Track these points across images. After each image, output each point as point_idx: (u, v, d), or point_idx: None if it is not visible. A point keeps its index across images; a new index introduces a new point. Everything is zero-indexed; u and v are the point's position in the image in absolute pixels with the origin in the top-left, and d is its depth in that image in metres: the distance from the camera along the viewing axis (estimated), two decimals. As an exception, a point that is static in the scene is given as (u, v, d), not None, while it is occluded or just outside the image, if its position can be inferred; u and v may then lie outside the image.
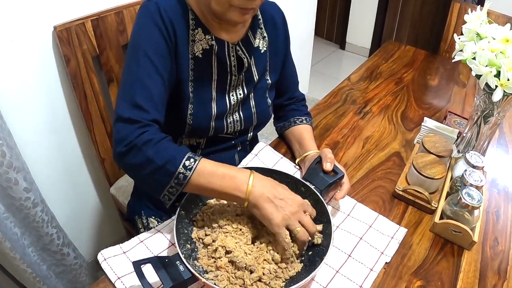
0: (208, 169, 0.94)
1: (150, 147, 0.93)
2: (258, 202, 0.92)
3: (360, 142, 1.48)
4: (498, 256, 1.09)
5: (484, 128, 1.27)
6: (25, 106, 1.43)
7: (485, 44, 1.12)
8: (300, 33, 2.78)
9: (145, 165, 0.93)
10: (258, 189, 0.93)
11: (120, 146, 0.95)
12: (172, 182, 0.93)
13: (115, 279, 0.92)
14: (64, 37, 1.37)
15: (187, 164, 0.93)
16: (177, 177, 0.92)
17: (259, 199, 0.92)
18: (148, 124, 0.97)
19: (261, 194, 0.92)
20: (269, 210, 0.91)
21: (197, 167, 0.93)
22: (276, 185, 0.97)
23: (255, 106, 1.28)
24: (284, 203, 0.93)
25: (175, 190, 0.95)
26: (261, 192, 0.92)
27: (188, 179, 0.93)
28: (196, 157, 0.95)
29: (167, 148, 0.95)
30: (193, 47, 1.10)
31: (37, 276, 1.55)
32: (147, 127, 0.96)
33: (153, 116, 0.99)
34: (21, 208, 1.42)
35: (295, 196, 0.97)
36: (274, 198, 0.92)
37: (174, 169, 0.92)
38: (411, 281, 1.00)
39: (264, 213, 0.92)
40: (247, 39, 1.18)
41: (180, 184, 0.93)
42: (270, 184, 0.96)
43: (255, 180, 0.94)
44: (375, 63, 2.04)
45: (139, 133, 0.95)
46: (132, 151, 0.94)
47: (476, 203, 1.03)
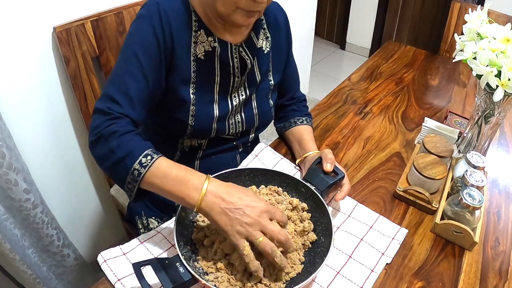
0: (162, 169, 0.91)
1: (115, 138, 0.94)
2: (211, 214, 0.87)
3: (361, 142, 1.48)
4: (499, 256, 1.09)
5: (485, 128, 1.27)
6: (25, 107, 1.42)
7: (486, 44, 1.12)
8: (300, 33, 2.78)
9: (108, 156, 0.94)
10: (210, 198, 0.87)
11: (91, 135, 0.97)
12: (128, 177, 0.92)
13: (115, 280, 0.92)
14: (64, 38, 1.37)
15: (143, 161, 0.91)
16: (132, 173, 0.91)
17: (211, 211, 0.87)
18: (118, 116, 0.97)
19: (213, 205, 0.87)
20: (222, 223, 0.86)
21: (151, 165, 0.91)
22: (233, 192, 0.89)
23: (257, 107, 1.27)
24: (241, 213, 0.85)
25: (132, 186, 0.94)
26: (213, 201, 0.87)
27: (142, 177, 0.91)
28: (155, 155, 0.93)
29: (130, 141, 0.94)
30: (195, 49, 1.09)
31: (37, 277, 1.54)
32: (117, 119, 0.97)
33: (125, 111, 0.99)
34: (21, 209, 1.42)
35: (256, 202, 0.88)
36: (228, 208, 0.86)
37: (130, 165, 0.91)
38: (412, 282, 1.00)
39: (218, 225, 0.87)
40: (250, 39, 1.18)
41: (135, 181, 0.92)
42: (226, 191, 0.89)
43: (209, 187, 0.88)
44: (375, 63, 2.04)
45: (108, 124, 0.95)
46: (100, 141, 0.95)
47: (477, 204, 1.03)
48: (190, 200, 0.88)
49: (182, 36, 1.06)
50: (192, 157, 1.28)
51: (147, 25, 1.01)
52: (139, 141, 0.96)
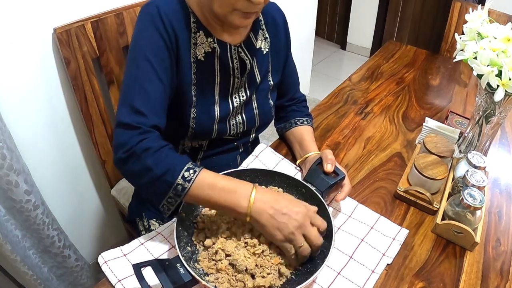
0: (207, 181, 0.92)
1: (150, 156, 0.92)
2: (260, 220, 0.89)
3: (361, 142, 1.48)
4: (500, 256, 1.09)
5: (486, 128, 1.26)
6: (25, 108, 1.42)
7: (486, 44, 1.11)
8: (300, 33, 2.78)
9: (144, 173, 0.92)
10: (259, 205, 0.89)
11: (119, 152, 0.94)
12: (170, 193, 0.92)
13: (116, 281, 0.92)
14: (64, 39, 1.37)
15: (186, 176, 0.91)
16: (175, 188, 0.91)
17: (260, 217, 0.89)
18: (148, 130, 0.96)
19: (262, 211, 0.89)
20: (271, 228, 0.89)
21: (196, 178, 0.91)
22: (279, 198, 0.93)
23: (258, 107, 1.27)
24: (287, 218, 0.89)
25: (174, 200, 0.93)
26: (262, 208, 0.89)
27: (186, 191, 0.91)
28: (196, 168, 0.93)
29: (167, 157, 0.94)
30: (195, 51, 1.09)
31: (38, 278, 1.54)
32: (147, 133, 0.95)
33: (153, 122, 0.98)
34: (22, 211, 1.42)
35: (300, 207, 0.92)
36: (276, 214, 0.89)
37: (173, 180, 0.91)
38: (413, 283, 0.99)
39: (267, 231, 0.90)
40: (249, 40, 1.18)
41: (178, 195, 0.92)
42: (273, 198, 0.92)
43: (257, 195, 0.90)
44: (376, 63, 2.04)
45: (138, 140, 0.93)
46: (132, 159, 0.93)
47: (478, 204, 1.03)
48: (240, 208, 0.90)
49: (183, 37, 1.06)
50: (193, 158, 1.28)
51: (152, 28, 1.01)
52: (175, 156, 0.96)
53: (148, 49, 1.00)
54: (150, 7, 1.02)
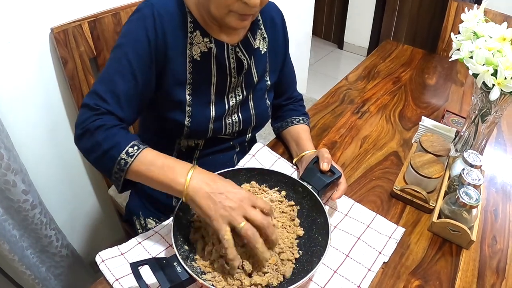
0: (148, 158, 0.94)
1: (101, 132, 0.96)
2: (196, 197, 0.88)
3: (358, 141, 1.48)
4: (496, 254, 1.09)
5: (482, 127, 1.27)
6: (22, 108, 1.43)
7: (482, 43, 1.12)
8: (298, 33, 2.78)
9: (95, 148, 0.96)
10: (195, 182, 0.89)
11: (77, 129, 1.00)
12: (115, 167, 0.95)
13: (113, 280, 0.92)
14: (61, 38, 1.37)
15: (130, 151, 0.94)
16: (119, 162, 0.94)
17: (196, 194, 0.88)
18: (105, 112, 0.99)
19: (199, 188, 0.88)
20: (206, 206, 0.87)
21: (138, 154, 0.94)
22: (217, 179, 0.91)
23: (254, 107, 1.27)
24: (224, 197, 0.87)
25: (119, 176, 0.96)
26: (199, 186, 0.88)
27: (128, 166, 0.94)
28: (141, 146, 0.96)
29: (116, 134, 0.97)
30: (191, 50, 1.09)
31: (36, 278, 1.55)
32: (103, 115, 0.99)
33: (112, 109, 1.00)
34: (20, 210, 1.42)
35: (239, 189, 0.90)
36: (213, 193, 0.87)
37: (117, 155, 0.94)
38: (409, 281, 1.00)
39: (202, 210, 0.87)
40: (247, 40, 1.18)
41: (121, 170, 0.95)
42: (210, 178, 0.91)
43: (194, 173, 0.90)
44: (372, 63, 2.04)
45: (94, 119, 0.98)
46: (86, 135, 0.97)
47: (474, 202, 1.03)
48: (176, 185, 0.90)
49: (177, 37, 1.06)
50: (189, 157, 1.28)
51: (140, 26, 1.02)
52: (125, 134, 0.98)
53: (130, 45, 1.02)
54: (146, 4, 1.04)
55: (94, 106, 0.99)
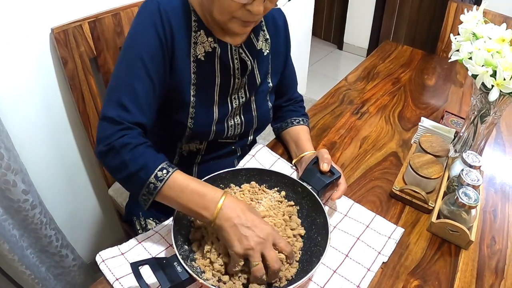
0: (178, 183, 0.92)
1: (127, 151, 0.93)
2: (224, 226, 0.87)
3: (357, 142, 1.48)
4: (495, 255, 1.09)
5: (481, 127, 1.27)
6: (22, 108, 1.42)
7: (481, 44, 1.12)
8: (297, 33, 2.78)
9: (121, 169, 0.94)
10: (226, 212, 0.88)
11: (101, 145, 0.96)
12: (144, 190, 0.93)
13: (113, 280, 0.92)
14: (62, 39, 1.37)
15: (159, 175, 0.92)
16: (148, 186, 0.92)
17: (224, 223, 0.87)
18: (130, 127, 0.97)
19: (228, 218, 0.87)
20: (232, 237, 0.87)
21: (168, 179, 0.92)
22: (247, 210, 0.90)
23: (256, 109, 1.27)
24: (250, 232, 0.87)
25: (147, 198, 0.94)
26: (228, 215, 0.88)
27: (158, 191, 0.92)
28: (170, 168, 0.94)
29: (143, 154, 0.94)
30: (195, 50, 1.08)
31: (36, 278, 1.55)
32: (128, 130, 0.96)
33: (137, 119, 0.98)
34: (20, 210, 1.42)
35: (265, 225, 0.90)
36: (240, 225, 0.87)
37: (146, 178, 0.92)
38: (408, 281, 1.00)
39: (227, 238, 0.87)
40: (250, 41, 1.17)
41: (150, 194, 0.93)
42: (241, 208, 0.90)
43: (226, 202, 0.89)
44: (372, 63, 2.04)
45: (119, 135, 0.95)
46: (111, 153, 0.95)
47: (473, 203, 1.03)
48: (206, 212, 0.89)
49: (182, 36, 1.05)
50: (191, 162, 1.28)
51: (149, 24, 1.00)
52: (153, 154, 0.96)
53: (141, 46, 1.00)
54: (151, 2, 1.02)
55: (117, 119, 0.96)
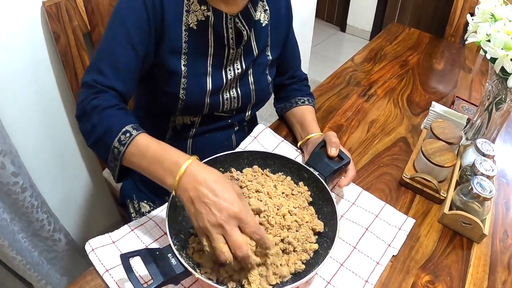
0: (140, 148, 0.86)
1: (96, 114, 0.91)
2: (182, 198, 0.80)
3: (365, 126, 1.43)
4: (508, 250, 1.05)
5: (496, 114, 1.21)
6: (12, 86, 1.37)
7: (501, 26, 1.06)
8: (301, 14, 2.73)
9: (91, 132, 0.91)
10: (185, 182, 0.79)
11: (77, 110, 0.95)
12: (110, 155, 0.89)
13: (103, 271, 0.87)
14: (53, 12, 1.31)
15: (122, 139, 0.87)
16: (112, 151, 0.88)
17: (182, 195, 0.79)
18: (103, 90, 0.94)
19: (185, 190, 0.78)
20: (189, 211, 0.79)
21: (130, 143, 0.86)
22: (209, 181, 0.78)
23: (254, 82, 1.21)
24: (207, 210, 0.76)
25: (114, 165, 0.89)
26: (185, 187, 0.78)
27: (121, 155, 0.87)
28: (134, 131, 0.87)
29: (111, 117, 0.90)
30: (188, 18, 1.03)
31: (28, 263, 1.51)
32: (101, 93, 0.93)
33: (112, 83, 0.95)
34: (9, 193, 1.37)
35: (229, 203, 0.76)
36: (196, 199, 0.77)
37: (110, 142, 0.87)
38: (419, 276, 0.95)
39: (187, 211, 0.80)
40: (247, 11, 1.11)
41: (115, 159, 0.88)
42: (202, 178, 0.78)
43: (187, 170, 0.79)
44: (379, 45, 1.97)
45: (91, 97, 0.92)
46: (84, 117, 0.93)
47: (488, 194, 0.98)
48: (165, 182, 0.82)
49: (173, 4, 1.01)
50: (184, 135, 1.22)
51: None
52: (120, 116, 0.91)
53: (127, 14, 0.97)
54: None
55: (92, 83, 0.94)
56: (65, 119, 1.61)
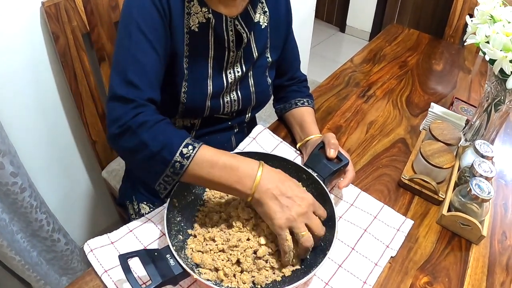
0: (207, 158, 0.86)
1: (146, 130, 0.87)
2: (262, 198, 0.83)
3: (364, 127, 1.43)
4: (506, 251, 1.05)
5: (495, 116, 1.21)
6: (11, 87, 1.37)
7: (500, 28, 1.06)
8: (300, 14, 2.73)
9: (140, 149, 0.87)
10: (264, 183, 0.84)
11: (113, 127, 0.89)
12: (167, 170, 0.86)
13: (102, 272, 0.87)
14: (53, 13, 1.30)
15: (185, 152, 0.85)
16: (173, 165, 0.85)
17: (263, 195, 0.83)
18: (143, 104, 0.91)
19: (267, 190, 0.83)
20: (272, 209, 0.83)
21: (195, 155, 0.85)
22: (285, 179, 0.87)
23: (254, 85, 1.21)
24: (291, 202, 0.84)
25: (171, 179, 0.88)
26: (267, 187, 0.83)
27: (185, 169, 0.85)
28: (196, 144, 0.87)
29: (164, 132, 0.88)
30: (189, 21, 1.03)
31: (26, 263, 1.51)
32: (142, 107, 0.90)
33: (148, 95, 0.92)
34: (8, 193, 1.37)
35: (305, 194, 0.88)
36: (281, 196, 0.83)
37: (170, 157, 0.85)
38: (418, 277, 0.95)
39: (267, 211, 0.83)
40: (247, 13, 1.11)
41: (176, 174, 0.86)
42: (279, 178, 0.87)
43: (264, 174, 0.85)
44: (378, 46, 1.97)
45: (134, 114, 0.88)
46: (126, 134, 0.88)
47: (486, 195, 0.98)
48: (243, 187, 0.85)
49: (176, 6, 0.99)
50: None
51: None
52: (173, 131, 0.90)
53: (140, 18, 0.94)
54: None
55: (129, 98, 0.89)
56: (64, 119, 1.61)
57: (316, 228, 0.86)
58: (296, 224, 0.83)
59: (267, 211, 0.83)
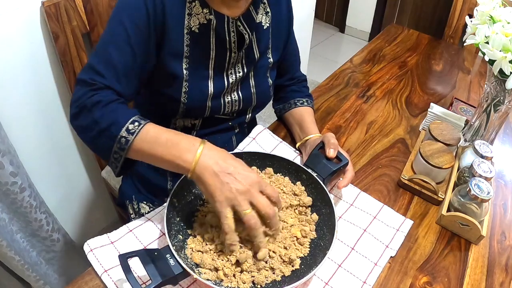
0: (151, 134, 0.88)
1: (98, 109, 0.90)
2: (202, 175, 0.82)
3: (363, 127, 1.43)
4: (505, 251, 1.05)
5: (494, 116, 1.21)
6: (11, 86, 1.37)
7: (499, 28, 1.06)
8: (300, 14, 2.73)
9: (92, 127, 0.90)
10: (204, 160, 0.83)
11: (72, 108, 0.94)
12: (115, 146, 0.88)
13: (102, 272, 0.87)
14: (53, 12, 1.30)
15: (130, 128, 0.87)
16: (119, 141, 0.87)
17: (204, 172, 0.82)
18: (102, 87, 0.93)
19: (207, 166, 0.82)
20: (213, 185, 0.82)
21: (140, 131, 0.87)
22: (228, 157, 0.86)
23: (255, 86, 1.21)
24: (232, 179, 0.82)
25: (119, 155, 0.89)
26: (207, 164, 0.82)
27: (130, 144, 0.87)
28: (142, 121, 0.89)
29: (115, 111, 0.91)
30: (189, 21, 1.02)
31: (26, 263, 1.50)
32: (100, 90, 0.93)
33: (109, 83, 0.95)
34: (8, 193, 1.37)
35: (249, 172, 0.85)
36: (221, 172, 0.82)
37: (117, 133, 0.87)
38: (417, 277, 0.95)
39: (207, 188, 0.82)
40: (249, 14, 1.11)
41: (122, 149, 0.88)
42: (220, 155, 0.85)
43: (204, 150, 0.84)
44: (378, 46, 1.97)
45: (91, 94, 0.92)
46: (83, 113, 0.92)
47: (485, 196, 0.98)
48: (183, 162, 0.84)
49: (175, 6, 0.99)
50: None
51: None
52: (123, 109, 0.92)
53: (126, 14, 0.96)
54: None
55: (90, 81, 0.93)
56: (64, 119, 1.60)
57: (261, 206, 0.83)
58: (237, 201, 0.81)
59: (207, 188, 0.82)
